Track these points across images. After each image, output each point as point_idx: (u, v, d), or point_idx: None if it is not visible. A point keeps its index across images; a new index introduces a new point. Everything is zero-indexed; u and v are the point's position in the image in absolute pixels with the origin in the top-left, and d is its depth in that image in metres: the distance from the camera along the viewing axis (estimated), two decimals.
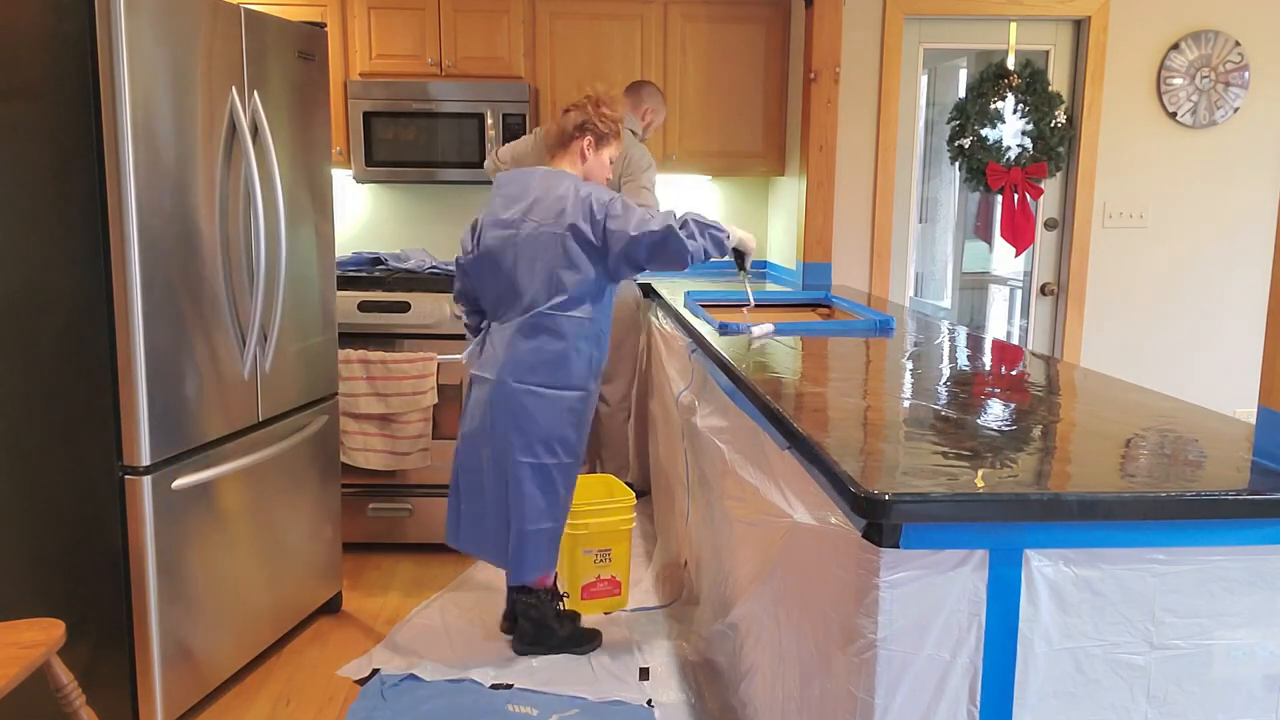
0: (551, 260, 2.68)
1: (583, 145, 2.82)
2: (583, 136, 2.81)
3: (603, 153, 2.85)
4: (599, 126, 2.82)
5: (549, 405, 2.74)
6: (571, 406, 2.78)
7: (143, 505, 2.42)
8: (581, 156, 2.83)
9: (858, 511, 1.43)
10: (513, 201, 2.76)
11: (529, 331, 2.73)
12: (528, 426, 2.74)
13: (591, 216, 2.67)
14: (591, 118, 2.81)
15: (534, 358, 2.72)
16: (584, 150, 2.82)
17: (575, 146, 2.82)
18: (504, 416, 2.75)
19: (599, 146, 2.84)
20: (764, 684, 2.09)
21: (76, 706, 2.07)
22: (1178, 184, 4.39)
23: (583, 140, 2.82)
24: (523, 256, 2.72)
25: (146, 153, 2.36)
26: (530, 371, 2.73)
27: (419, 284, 3.80)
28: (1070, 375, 2.41)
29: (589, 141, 2.82)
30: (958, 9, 4.24)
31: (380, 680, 2.82)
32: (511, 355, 2.73)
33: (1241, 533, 1.46)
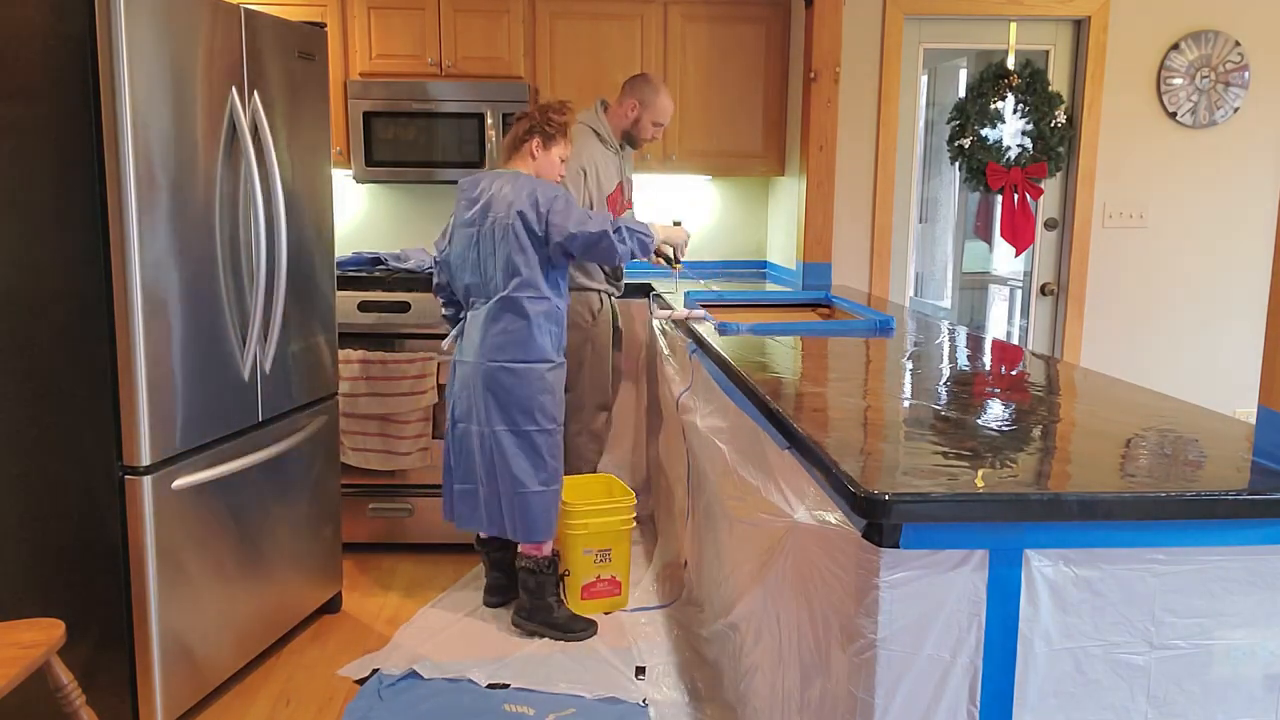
0: (508, 248, 2.96)
1: (531, 146, 3.06)
2: (531, 138, 3.06)
3: (551, 151, 3.08)
4: (545, 128, 3.06)
5: (521, 378, 2.99)
6: (542, 376, 3.02)
7: (143, 505, 2.42)
8: (531, 156, 3.07)
9: (858, 511, 1.43)
10: (473, 203, 3.05)
11: (496, 314, 3.00)
12: (505, 399, 2.99)
13: (536, 208, 2.94)
14: (538, 121, 3.07)
15: (504, 338, 2.99)
16: (533, 150, 3.06)
17: (525, 148, 3.07)
18: (484, 393, 3.01)
19: (547, 146, 3.07)
20: (764, 684, 2.09)
21: (76, 706, 2.07)
22: (1178, 184, 4.39)
23: (531, 141, 3.06)
24: (484, 248, 3.01)
25: (146, 153, 2.36)
26: (501, 350, 2.99)
27: (419, 284, 3.80)
28: (1070, 375, 2.41)
29: (537, 142, 3.06)
30: (958, 9, 4.23)
31: (378, 680, 2.82)
32: (484, 337, 3.00)
33: (1241, 533, 1.46)
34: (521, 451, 3.01)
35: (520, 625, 3.13)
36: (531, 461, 3.01)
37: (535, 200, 2.95)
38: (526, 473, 3.01)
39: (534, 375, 3.00)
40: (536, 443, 3.02)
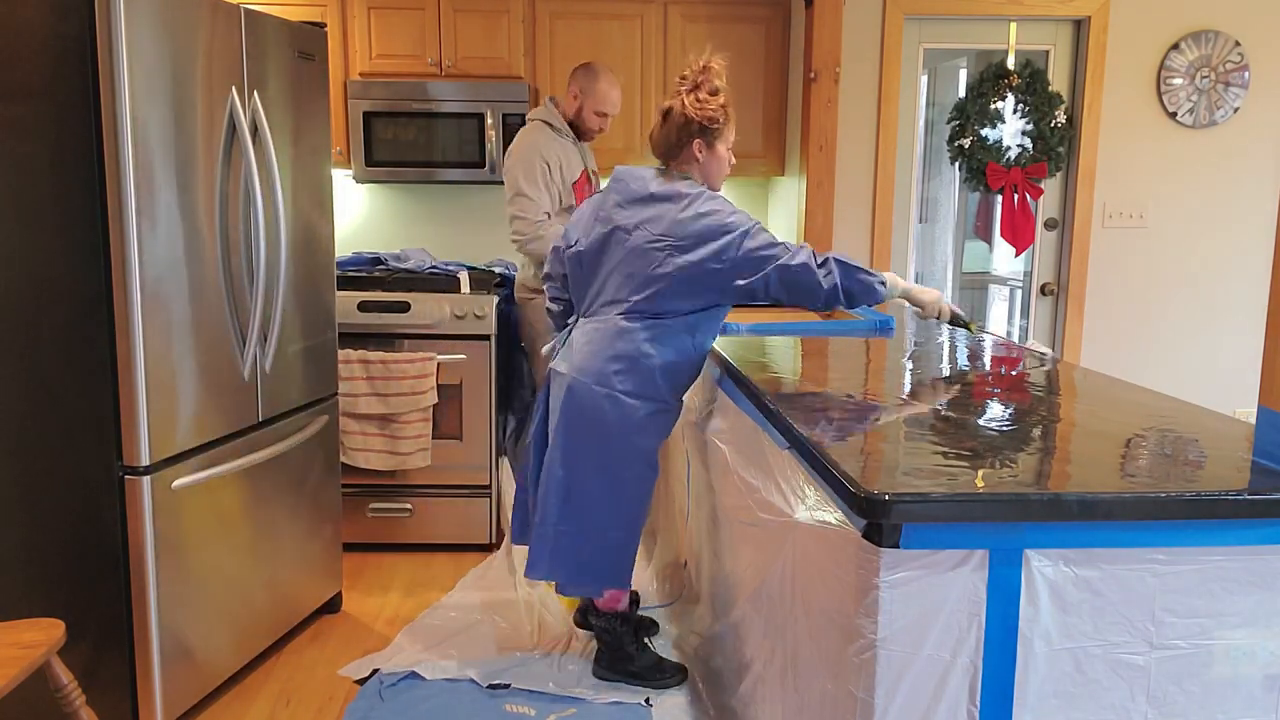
0: (662, 276, 2.47)
1: (694, 150, 2.55)
2: (690, 141, 2.55)
3: (717, 149, 2.58)
4: (706, 124, 2.53)
5: (624, 411, 2.55)
6: (649, 416, 2.58)
7: (142, 505, 2.42)
8: (695, 159, 2.57)
9: (858, 511, 1.43)
10: (629, 201, 2.56)
11: (617, 334, 2.55)
12: (600, 430, 2.57)
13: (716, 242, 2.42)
14: (695, 121, 2.53)
15: (621, 363, 2.54)
16: (696, 154, 2.56)
17: (687, 154, 2.56)
18: (577, 417, 2.58)
19: (712, 144, 2.56)
20: (763, 684, 2.09)
21: (76, 706, 2.07)
22: (1178, 184, 4.39)
23: (692, 145, 2.55)
24: (626, 263, 2.54)
25: (146, 153, 2.36)
26: (613, 377, 2.54)
27: (419, 284, 3.80)
28: (1070, 375, 2.41)
29: (699, 145, 2.55)
30: (958, 9, 4.23)
31: (379, 680, 2.82)
32: (596, 358, 2.55)
33: (1241, 533, 1.46)
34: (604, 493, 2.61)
35: (602, 677, 2.83)
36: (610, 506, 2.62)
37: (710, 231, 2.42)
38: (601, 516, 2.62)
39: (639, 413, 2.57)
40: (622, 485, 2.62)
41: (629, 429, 2.56)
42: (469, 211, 4.52)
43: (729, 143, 2.60)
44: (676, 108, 2.53)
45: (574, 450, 2.59)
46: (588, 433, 2.58)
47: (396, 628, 3.18)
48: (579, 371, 2.56)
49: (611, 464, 2.59)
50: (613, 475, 2.59)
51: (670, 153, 2.58)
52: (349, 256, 4.15)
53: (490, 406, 3.78)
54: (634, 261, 2.51)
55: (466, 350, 3.73)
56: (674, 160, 2.58)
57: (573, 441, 2.59)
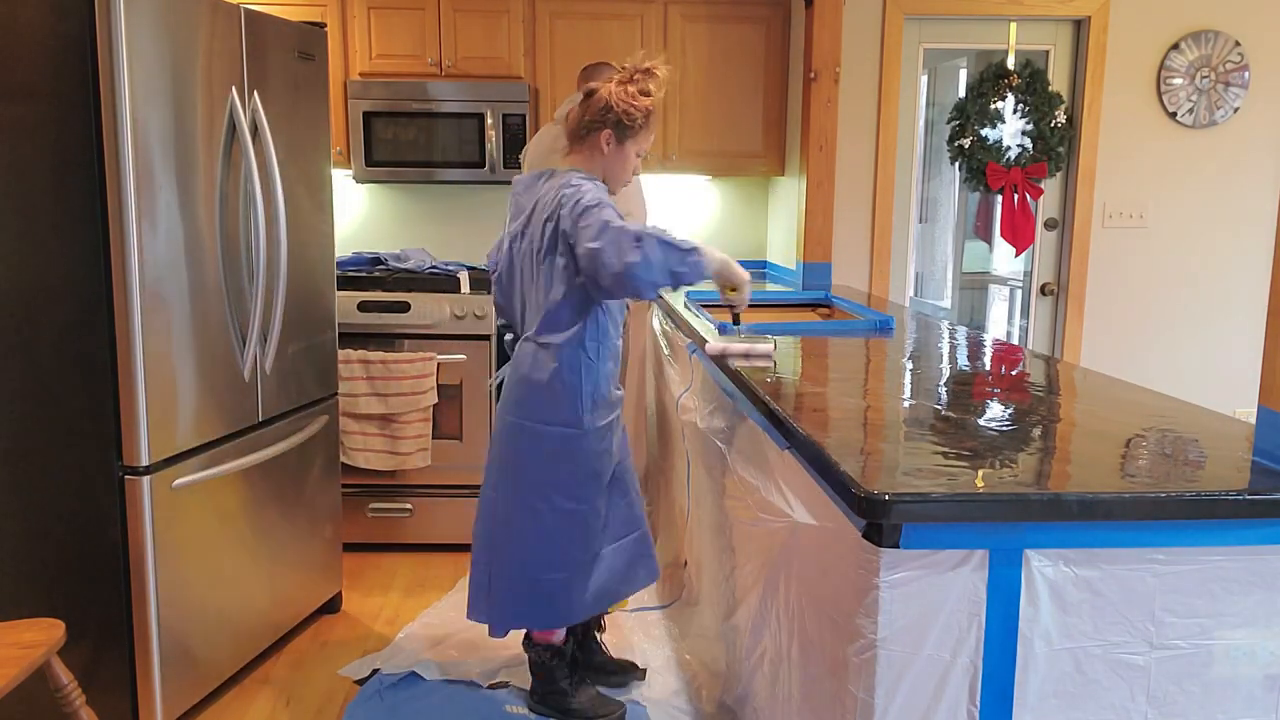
0: (544, 280, 2.38)
1: (601, 139, 2.39)
2: (600, 129, 2.39)
3: (626, 148, 2.41)
4: (625, 119, 2.37)
5: (531, 440, 2.43)
6: (559, 442, 2.42)
7: (143, 505, 2.42)
8: (600, 150, 2.41)
9: (858, 511, 1.43)
10: (520, 211, 2.47)
11: (519, 359, 2.46)
12: (514, 463, 2.46)
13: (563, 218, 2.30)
14: (616, 107, 2.36)
15: (526, 388, 2.43)
16: (603, 144, 2.40)
17: (594, 140, 2.40)
18: (497, 451, 2.50)
19: (622, 140, 2.40)
20: (763, 684, 2.09)
21: (76, 706, 2.07)
22: (1178, 184, 4.39)
23: (601, 134, 2.39)
24: (525, 273, 2.44)
25: (146, 153, 2.36)
26: (522, 404, 2.44)
27: (419, 284, 3.80)
28: (1070, 375, 2.41)
29: (608, 135, 2.39)
30: (958, 9, 4.23)
31: (379, 680, 2.82)
32: (510, 386, 2.48)
33: (1241, 533, 1.46)
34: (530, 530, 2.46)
35: (534, 709, 2.68)
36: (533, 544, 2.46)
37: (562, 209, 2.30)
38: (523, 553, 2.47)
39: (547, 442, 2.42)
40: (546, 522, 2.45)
41: (539, 459, 2.42)
42: (469, 211, 4.52)
43: (641, 149, 2.45)
44: (601, 92, 2.38)
45: (497, 486, 2.48)
46: (503, 467, 2.47)
47: (396, 628, 3.18)
48: (500, 405, 2.51)
49: (529, 498, 2.43)
50: (531, 510, 2.43)
51: (577, 135, 2.43)
52: (349, 256, 4.15)
53: (490, 406, 3.78)
54: (526, 272, 2.43)
55: (466, 350, 3.73)
56: (578, 145, 2.43)
57: (493, 477, 2.50)
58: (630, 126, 2.38)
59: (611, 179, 2.45)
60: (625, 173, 2.46)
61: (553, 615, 2.52)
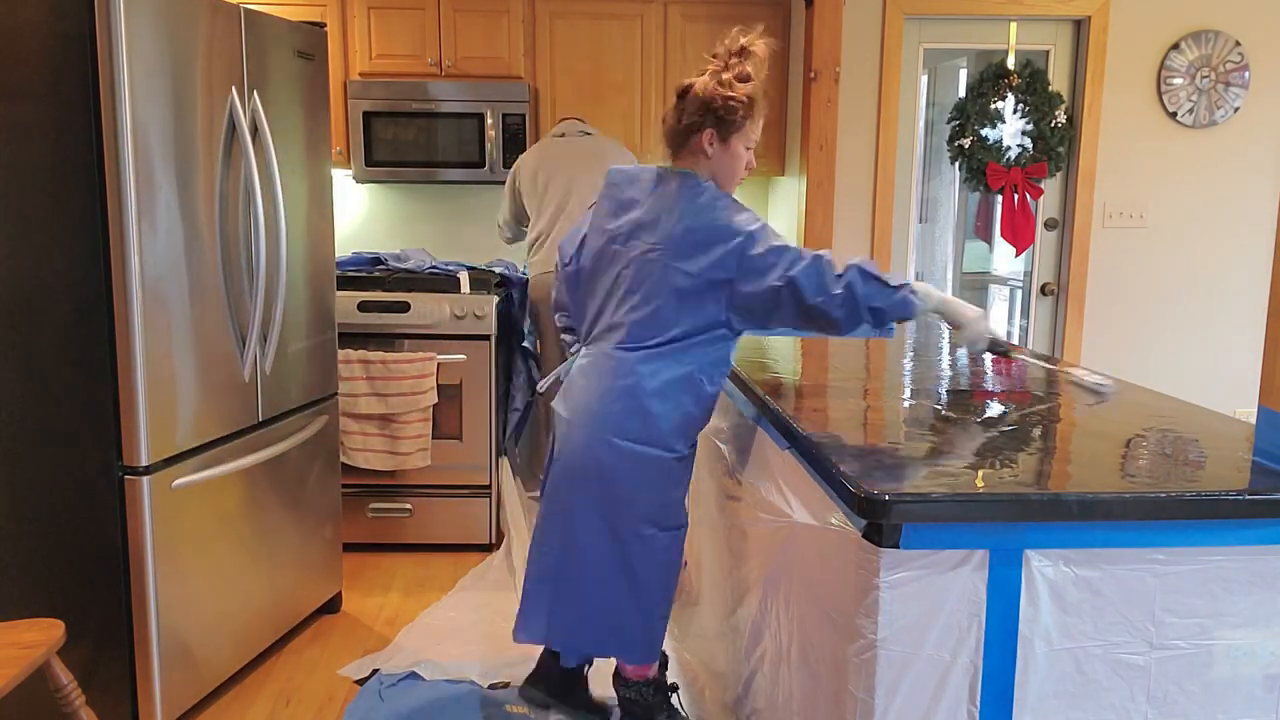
0: (661, 291, 2.13)
1: (703, 140, 2.18)
2: (700, 130, 2.17)
3: (732, 144, 2.19)
4: (722, 114, 2.15)
5: (624, 462, 2.17)
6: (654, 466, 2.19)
7: (142, 505, 2.42)
8: (703, 153, 2.19)
9: (858, 511, 1.43)
10: (622, 209, 2.24)
11: (618, 370, 2.18)
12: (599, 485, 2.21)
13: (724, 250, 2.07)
14: (711, 104, 2.15)
15: (619, 404, 2.16)
16: (705, 146, 2.18)
17: (695, 143, 2.19)
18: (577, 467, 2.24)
19: (725, 138, 2.18)
20: (764, 684, 2.09)
21: (76, 706, 2.07)
22: (1178, 184, 4.39)
23: (702, 135, 2.18)
24: (623, 280, 2.20)
25: (146, 153, 2.36)
26: (610, 419, 2.18)
27: (419, 284, 3.80)
28: (1070, 375, 2.41)
29: (710, 135, 2.17)
30: (958, 9, 4.23)
31: (379, 680, 2.82)
32: (592, 396, 2.21)
33: (1241, 533, 1.46)
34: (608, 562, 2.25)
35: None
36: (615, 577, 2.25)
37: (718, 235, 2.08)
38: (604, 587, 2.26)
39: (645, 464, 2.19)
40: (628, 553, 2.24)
41: (632, 483, 2.18)
42: (469, 211, 4.52)
43: (749, 141, 2.22)
44: (695, 87, 2.17)
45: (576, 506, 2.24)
46: (586, 487, 2.22)
47: (396, 628, 3.18)
48: (574, 412, 2.24)
49: (616, 525, 2.20)
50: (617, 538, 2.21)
51: (678, 140, 2.22)
52: (349, 256, 4.15)
53: (490, 406, 3.78)
54: (630, 277, 2.17)
55: (466, 350, 3.73)
56: (681, 151, 2.22)
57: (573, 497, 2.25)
58: (733, 121, 2.16)
59: (723, 182, 2.21)
60: (737, 173, 2.24)
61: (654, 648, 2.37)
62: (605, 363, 2.20)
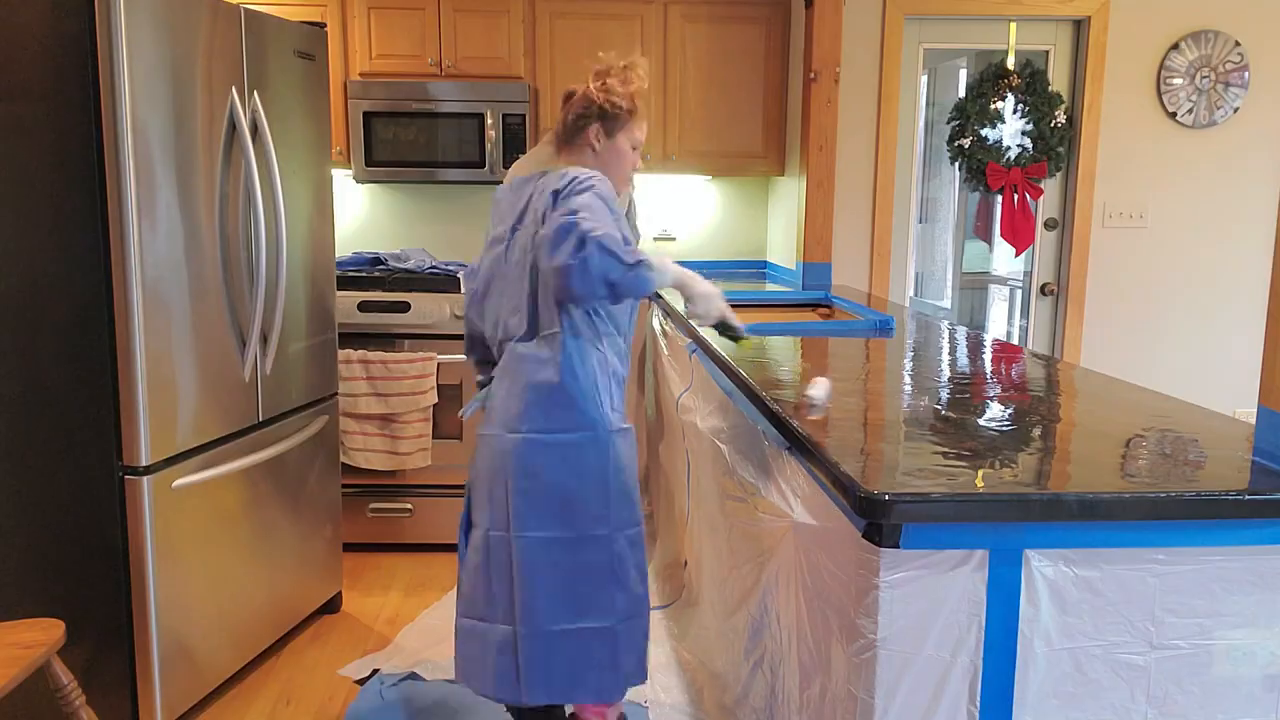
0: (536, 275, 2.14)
1: (590, 135, 2.24)
2: (587, 125, 2.23)
3: (618, 140, 2.25)
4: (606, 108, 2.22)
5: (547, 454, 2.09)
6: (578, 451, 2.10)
7: (143, 505, 2.42)
8: (591, 148, 2.25)
9: (858, 511, 1.43)
10: (503, 218, 2.27)
11: (512, 367, 2.16)
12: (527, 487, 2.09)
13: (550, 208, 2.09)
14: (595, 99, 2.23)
15: (523, 398, 2.11)
16: (592, 141, 2.24)
17: (583, 139, 2.24)
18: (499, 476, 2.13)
19: (611, 132, 2.24)
20: (763, 684, 2.09)
21: (76, 706, 2.07)
22: (1178, 184, 4.39)
23: (589, 130, 2.23)
24: (514, 278, 2.19)
25: (146, 152, 2.36)
26: (520, 414, 2.10)
27: (419, 284, 3.80)
28: (1070, 375, 2.41)
29: (596, 130, 2.23)
30: (958, 9, 4.23)
31: (379, 680, 2.82)
32: (502, 397, 2.15)
33: (1241, 533, 1.46)
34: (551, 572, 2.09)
35: None
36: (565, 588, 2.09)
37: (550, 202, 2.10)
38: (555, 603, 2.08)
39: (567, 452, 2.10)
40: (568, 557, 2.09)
41: (563, 476, 2.08)
42: (469, 211, 4.52)
43: (634, 140, 2.26)
44: (580, 90, 2.25)
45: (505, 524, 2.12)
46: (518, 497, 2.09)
47: (396, 628, 3.19)
48: (492, 424, 2.17)
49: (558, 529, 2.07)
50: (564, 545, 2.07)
51: (566, 138, 2.26)
52: (349, 256, 4.15)
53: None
54: (519, 272, 2.16)
55: None
56: (568, 148, 2.26)
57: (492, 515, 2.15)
58: (617, 116, 2.22)
59: (611, 176, 2.24)
60: (624, 168, 2.28)
61: (615, 678, 2.15)
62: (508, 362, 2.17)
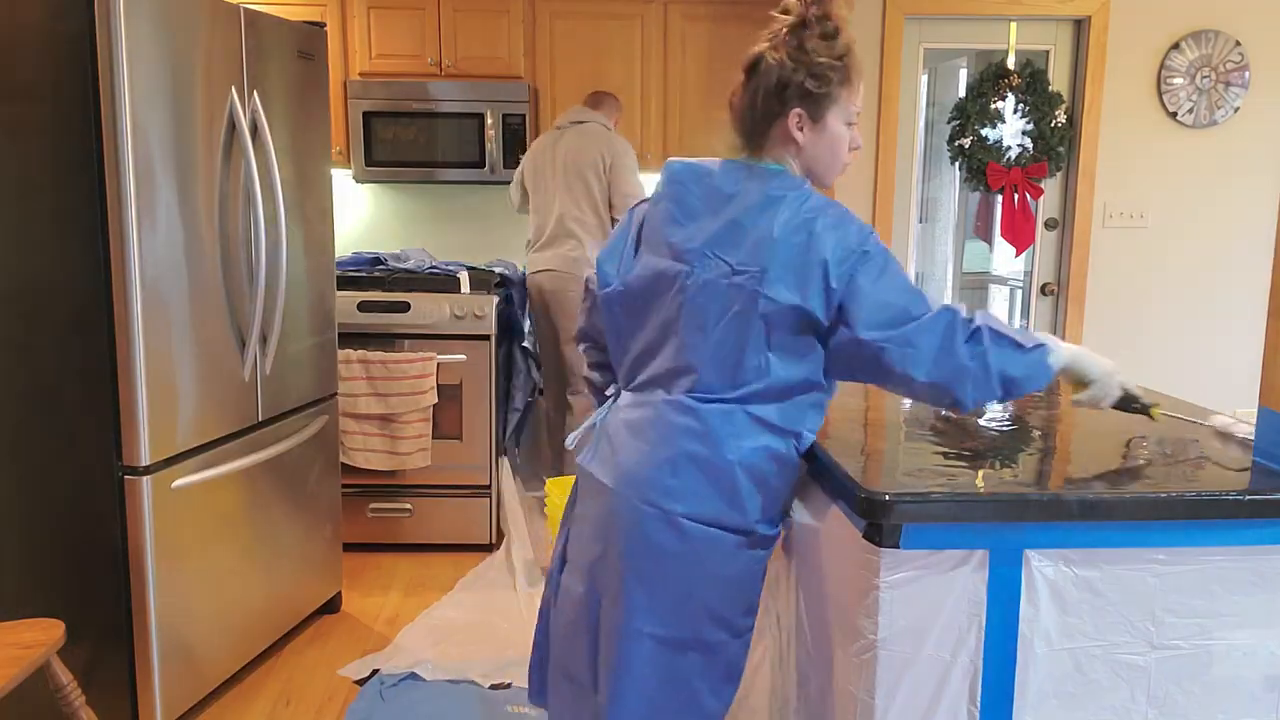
0: (737, 326, 1.59)
1: (789, 124, 1.65)
2: (786, 110, 1.64)
3: (827, 121, 1.65)
4: (808, 84, 1.62)
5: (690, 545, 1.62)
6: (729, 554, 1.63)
7: (142, 505, 2.42)
8: (793, 140, 1.66)
9: (858, 511, 1.43)
10: (690, 216, 1.68)
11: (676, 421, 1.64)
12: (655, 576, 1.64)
13: (825, 280, 1.55)
14: (795, 71, 1.62)
15: (683, 468, 1.62)
16: (792, 130, 1.65)
17: (780, 129, 1.66)
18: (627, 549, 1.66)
19: (818, 116, 1.64)
20: (763, 685, 2.09)
21: (76, 706, 2.07)
22: (1178, 184, 4.38)
23: (788, 118, 1.64)
24: (690, 309, 1.63)
25: (146, 152, 2.36)
26: (672, 489, 1.62)
27: (419, 284, 3.80)
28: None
29: (797, 116, 1.64)
30: (958, 9, 4.23)
31: (379, 680, 2.82)
32: (641, 454, 1.66)
33: (1242, 533, 1.46)
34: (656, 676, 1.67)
35: None
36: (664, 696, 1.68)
37: (822, 266, 1.55)
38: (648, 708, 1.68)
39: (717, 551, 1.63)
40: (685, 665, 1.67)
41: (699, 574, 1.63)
42: (469, 211, 4.52)
43: (849, 115, 1.67)
44: (768, 58, 1.66)
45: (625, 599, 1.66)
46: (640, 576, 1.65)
47: (396, 628, 3.18)
48: (621, 480, 1.67)
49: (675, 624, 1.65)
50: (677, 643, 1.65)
51: (754, 129, 1.69)
52: (349, 256, 4.15)
53: (490, 406, 3.78)
54: (703, 306, 1.61)
55: (466, 350, 3.73)
56: (759, 141, 1.69)
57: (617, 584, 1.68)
58: (825, 93, 1.63)
59: (822, 171, 1.71)
60: (838, 157, 1.70)
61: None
62: (664, 413, 1.65)
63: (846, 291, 1.54)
